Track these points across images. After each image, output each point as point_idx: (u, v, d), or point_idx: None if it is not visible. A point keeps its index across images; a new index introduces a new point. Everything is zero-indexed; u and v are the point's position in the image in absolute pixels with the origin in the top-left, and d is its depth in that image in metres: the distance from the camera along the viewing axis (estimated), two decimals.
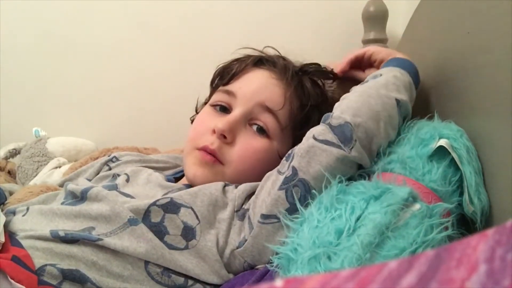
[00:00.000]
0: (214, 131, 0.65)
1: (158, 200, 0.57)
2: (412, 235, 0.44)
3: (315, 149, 0.54)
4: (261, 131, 0.67)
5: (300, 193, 0.53)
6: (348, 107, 0.56)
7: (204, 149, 0.65)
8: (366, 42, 1.10)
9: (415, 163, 0.54)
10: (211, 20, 1.19)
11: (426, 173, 0.53)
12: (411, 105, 0.64)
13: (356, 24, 1.12)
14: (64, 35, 1.21)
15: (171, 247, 0.55)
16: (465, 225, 0.53)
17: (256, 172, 0.65)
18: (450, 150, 0.53)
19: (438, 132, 0.56)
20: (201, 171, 0.65)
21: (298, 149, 0.56)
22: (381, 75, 0.63)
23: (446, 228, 0.47)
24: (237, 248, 0.57)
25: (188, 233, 0.56)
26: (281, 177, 0.55)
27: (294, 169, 0.54)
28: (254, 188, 0.61)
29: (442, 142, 0.54)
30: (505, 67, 0.48)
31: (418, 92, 0.78)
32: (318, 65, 0.78)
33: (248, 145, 0.66)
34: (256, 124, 0.67)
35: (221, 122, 0.65)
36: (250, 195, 0.61)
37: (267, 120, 0.67)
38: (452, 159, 0.53)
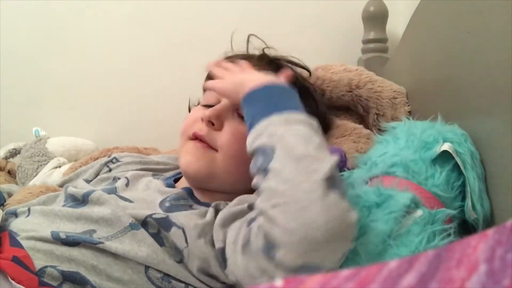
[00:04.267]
0: (202, 120, 0.66)
1: (154, 213, 0.57)
2: (415, 243, 0.44)
3: None
4: None
5: None
6: (288, 246, 0.43)
7: (194, 137, 0.65)
8: (366, 42, 1.10)
9: (418, 167, 0.53)
10: (211, 21, 1.19)
11: (429, 177, 0.53)
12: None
13: (356, 24, 1.11)
14: (64, 35, 1.20)
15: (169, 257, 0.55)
16: (466, 230, 0.53)
17: (246, 159, 0.63)
18: (454, 155, 0.52)
19: (442, 136, 0.55)
20: (194, 160, 0.65)
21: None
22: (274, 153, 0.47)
23: (449, 235, 0.46)
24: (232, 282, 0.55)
25: (178, 253, 0.55)
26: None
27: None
28: (228, 218, 0.57)
29: (446, 146, 0.53)
30: (505, 67, 0.48)
31: (419, 92, 0.78)
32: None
33: (236, 130, 0.65)
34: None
35: (209, 110, 0.66)
36: (224, 223, 0.57)
37: None
38: (455, 164, 0.53)
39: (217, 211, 0.60)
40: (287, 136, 0.47)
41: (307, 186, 0.43)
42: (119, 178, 0.70)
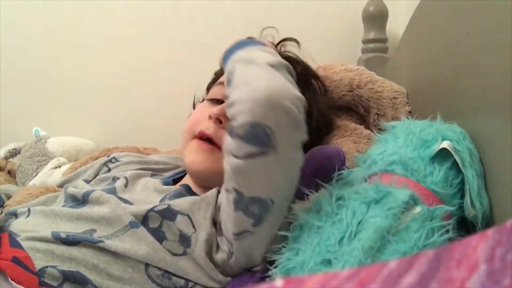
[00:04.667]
0: (210, 117, 0.66)
1: (156, 206, 0.57)
2: (413, 239, 0.44)
3: (242, 168, 0.49)
4: None
5: (257, 207, 0.51)
6: (240, 110, 0.48)
7: (200, 136, 0.65)
8: (366, 42, 1.10)
9: (416, 165, 0.54)
10: (212, 20, 1.19)
11: (428, 175, 0.53)
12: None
13: (356, 24, 1.12)
14: (64, 35, 1.20)
15: (170, 252, 0.55)
16: (465, 228, 0.53)
17: None
18: (453, 152, 0.52)
19: (441, 134, 0.55)
20: (198, 158, 0.65)
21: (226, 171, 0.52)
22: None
23: (447, 231, 0.46)
24: (227, 259, 0.57)
25: (184, 241, 0.56)
26: (230, 198, 0.52)
27: (236, 191, 0.51)
28: None
29: (445, 144, 0.53)
30: (505, 67, 0.48)
31: (419, 92, 0.77)
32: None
33: None
34: None
35: (217, 107, 0.66)
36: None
37: None
38: (454, 161, 0.53)
39: (218, 192, 0.62)
40: (244, 54, 0.55)
41: (256, 69, 0.51)
42: (118, 178, 0.70)
